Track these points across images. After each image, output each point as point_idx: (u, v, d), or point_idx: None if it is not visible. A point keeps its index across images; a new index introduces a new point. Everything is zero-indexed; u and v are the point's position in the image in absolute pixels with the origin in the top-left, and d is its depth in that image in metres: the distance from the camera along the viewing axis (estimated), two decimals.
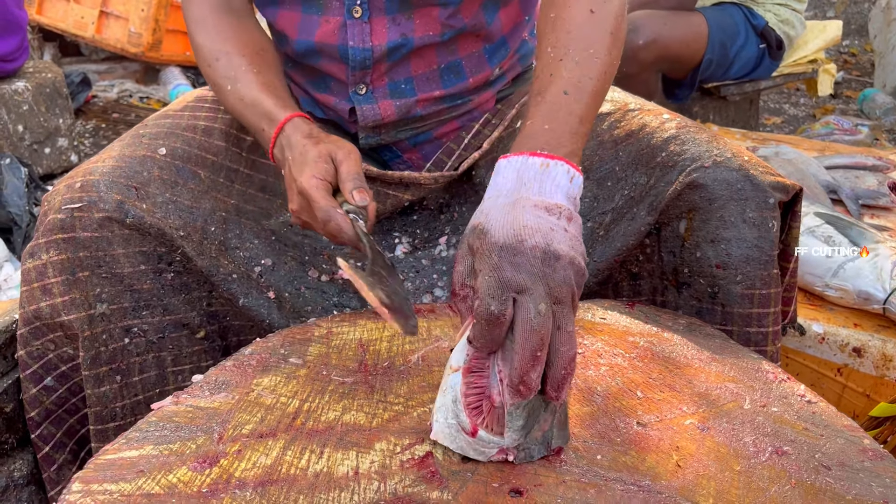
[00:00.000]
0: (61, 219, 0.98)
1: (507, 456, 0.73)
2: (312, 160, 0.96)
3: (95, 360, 1.00)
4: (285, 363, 0.89)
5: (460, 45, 1.15)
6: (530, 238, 0.71)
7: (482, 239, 0.73)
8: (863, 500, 0.71)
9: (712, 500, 0.70)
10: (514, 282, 0.70)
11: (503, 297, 0.69)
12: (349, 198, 0.94)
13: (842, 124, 3.15)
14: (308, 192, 0.94)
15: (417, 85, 1.16)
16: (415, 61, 1.14)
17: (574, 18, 0.91)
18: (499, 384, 0.72)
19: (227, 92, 1.08)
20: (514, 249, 0.71)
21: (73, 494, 0.68)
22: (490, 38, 1.17)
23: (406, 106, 1.16)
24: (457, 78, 1.17)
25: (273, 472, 0.72)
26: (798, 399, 0.85)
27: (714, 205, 1.00)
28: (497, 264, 0.71)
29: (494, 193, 0.78)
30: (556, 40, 0.90)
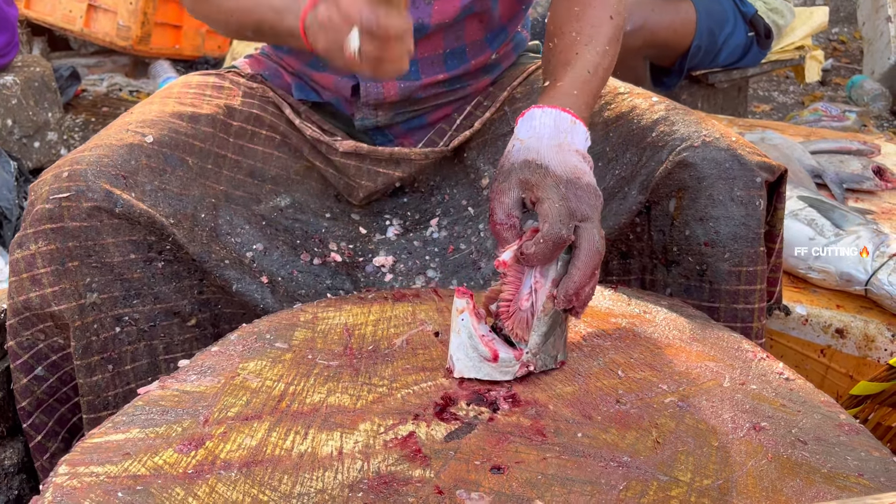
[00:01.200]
0: (49, 209, 0.98)
1: (529, 367, 0.84)
2: None
3: (87, 349, 1.01)
4: (271, 347, 0.90)
5: (466, 30, 1.17)
6: (584, 177, 0.86)
7: (542, 172, 0.85)
8: (838, 473, 0.72)
9: (690, 475, 0.71)
10: (579, 211, 0.84)
11: (570, 223, 0.83)
12: None
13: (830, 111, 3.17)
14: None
15: (422, 68, 1.17)
16: (422, 46, 1.15)
17: (598, 17, 1.04)
18: (532, 293, 0.85)
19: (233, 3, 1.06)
20: (575, 184, 0.85)
21: (59, 477, 0.69)
22: (491, 25, 1.20)
23: (410, 88, 1.17)
24: (459, 61, 1.19)
25: (258, 452, 0.73)
26: (776, 376, 0.86)
27: (703, 183, 1.02)
28: (565, 195, 0.83)
29: (535, 135, 0.89)
30: (580, 28, 1.03)
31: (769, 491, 0.70)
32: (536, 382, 0.84)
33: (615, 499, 0.68)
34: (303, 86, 1.24)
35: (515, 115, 1.22)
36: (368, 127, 1.22)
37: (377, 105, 1.19)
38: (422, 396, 0.82)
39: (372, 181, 1.16)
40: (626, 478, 0.71)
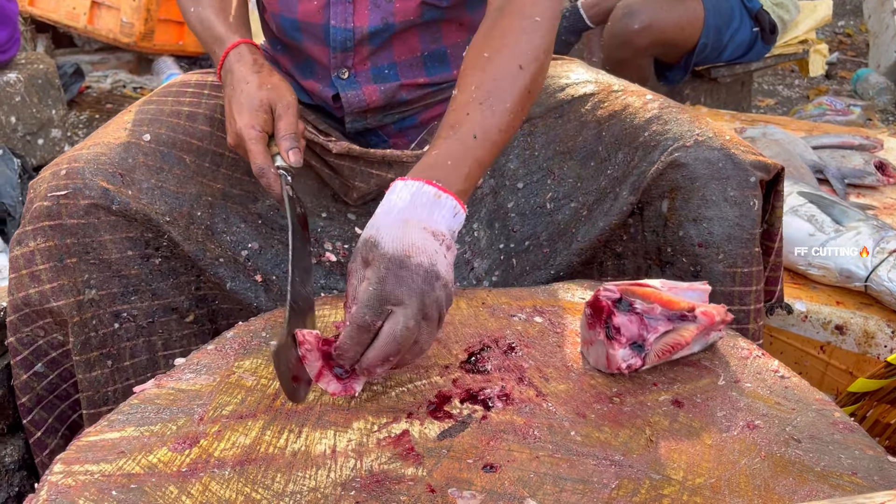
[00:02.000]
0: (47, 206, 0.99)
1: None
2: (253, 108, 1.00)
3: (86, 345, 1.01)
4: (266, 346, 0.91)
5: (444, 32, 1.15)
6: (416, 256, 0.77)
7: (374, 250, 0.78)
8: (831, 472, 0.72)
9: (683, 473, 0.72)
10: (394, 295, 0.76)
11: (380, 308, 0.76)
12: (284, 156, 0.99)
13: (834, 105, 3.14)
14: (245, 143, 0.99)
15: (401, 71, 1.16)
16: (398, 46, 1.14)
17: (503, 68, 0.94)
18: None
19: (190, 14, 1.14)
20: (401, 263, 0.76)
21: (54, 475, 0.70)
22: (474, 28, 1.17)
23: (390, 90, 1.16)
24: (441, 66, 1.17)
25: (252, 451, 0.73)
26: (771, 374, 0.86)
27: (696, 184, 1.01)
28: (383, 276, 0.76)
29: (387, 209, 0.81)
30: (481, 82, 0.93)
31: (762, 489, 0.70)
32: (531, 381, 0.84)
33: (607, 497, 0.68)
34: (296, 87, 1.24)
35: None
36: (359, 130, 1.22)
37: (362, 111, 1.19)
38: (416, 395, 0.82)
39: (365, 182, 1.16)
40: (618, 476, 0.71)
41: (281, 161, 0.98)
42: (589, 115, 1.15)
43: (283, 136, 0.99)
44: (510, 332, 0.93)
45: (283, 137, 0.99)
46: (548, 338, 0.93)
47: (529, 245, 1.15)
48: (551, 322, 0.96)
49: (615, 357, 0.83)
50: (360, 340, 0.76)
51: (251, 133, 0.98)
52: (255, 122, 0.99)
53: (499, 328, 0.94)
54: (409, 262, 0.77)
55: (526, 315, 0.97)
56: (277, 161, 0.98)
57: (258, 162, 0.97)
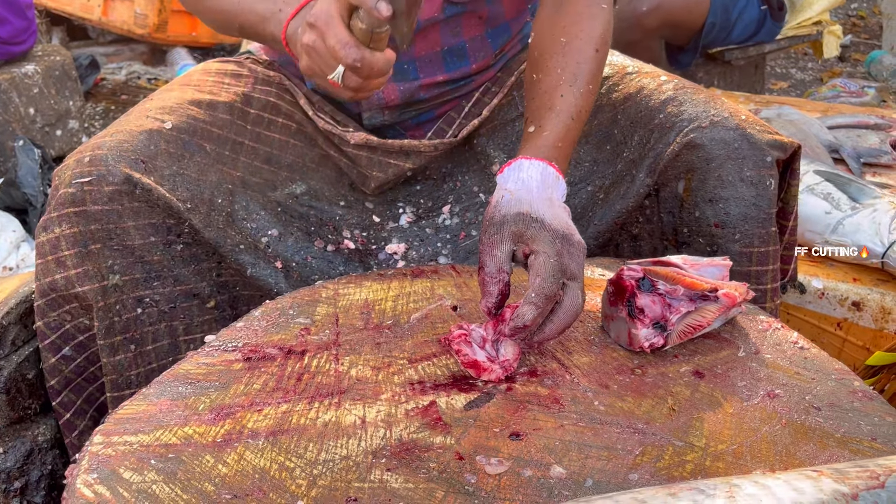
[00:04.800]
0: (72, 193, 1.01)
1: None
2: None
3: (110, 329, 1.03)
4: (293, 322, 0.93)
5: (464, 26, 1.16)
6: (575, 234, 0.86)
7: (538, 226, 0.84)
8: (851, 438, 0.73)
9: (705, 441, 0.73)
10: (569, 269, 0.83)
11: (560, 279, 0.82)
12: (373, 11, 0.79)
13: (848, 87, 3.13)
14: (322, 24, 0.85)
15: (420, 67, 1.17)
16: (419, 41, 1.15)
17: (584, 52, 1.01)
18: None
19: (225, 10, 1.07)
20: (568, 240, 0.84)
21: (95, 446, 0.72)
22: (493, 22, 1.19)
23: (410, 90, 1.17)
24: (460, 61, 1.18)
25: (284, 422, 0.76)
26: (791, 345, 0.87)
27: (712, 164, 1.02)
28: (560, 250, 0.83)
29: (525, 187, 0.88)
30: (565, 65, 1.00)
31: (783, 455, 0.71)
32: (553, 353, 0.86)
33: (631, 463, 0.70)
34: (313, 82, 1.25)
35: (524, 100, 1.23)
36: (376, 125, 1.23)
37: (380, 108, 1.20)
38: (441, 368, 0.84)
39: (383, 172, 1.17)
40: (641, 443, 0.73)
41: None
42: (604, 98, 1.16)
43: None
44: None
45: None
46: None
47: None
48: None
49: (638, 336, 0.85)
50: (544, 311, 0.81)
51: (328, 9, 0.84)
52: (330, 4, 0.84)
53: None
54: (573, 239, 0.85)
55: None
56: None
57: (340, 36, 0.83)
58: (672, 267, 0.89)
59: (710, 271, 0.90)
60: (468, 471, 0.69)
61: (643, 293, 0.85)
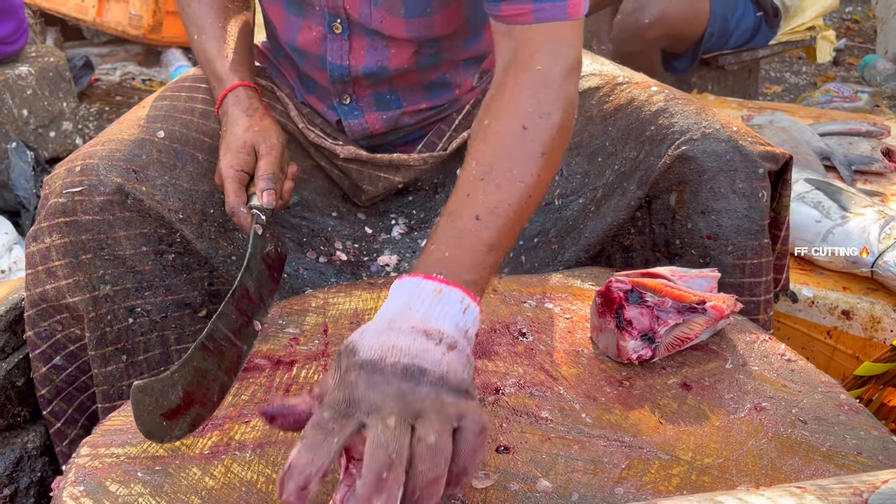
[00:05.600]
0: (63, 202, 1.00)
1: None
2: (236, 148, 1.01)
3: (101, 340, 1.03)
4: (282, 332, 0.93)
5: (442, 66, 1.15)
6: (392, 357, 0.65)
7: (349, 358, 0.66)
8: (836, 452, 0.74)
9: (691, 454, 0.73)
10: (365, 400, 0.62)
11: (347, 412, 0.62)
12: (259, 196, 0.98)
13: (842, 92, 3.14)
14: (224, 181, 1.00)
15: (403, 97, 1.15)
16: (396, 80, 1.13)
17: (504, 133, 0.82)
18: None
19: (193, 40, 1.13)
20: (374, 366, 0.64)
21: (81, 458, 0.72)
22: (471, 60, 1.17)
23: (393, 118, 1.16)
24: (442, 90, 1.17)
25: (272, 434, 0.76)
26: (778, 357, 0.88)
27: (704, 176, 1.02)
28: (353, 382, 0.64)
29: (380, 315, 0.71)
30: (481, 155, 0.82)
31: (768, 469, 0.72)
32: (542, 365, 0.86)
33: (617, 476, 0.70)
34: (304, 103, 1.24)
35: None
36: (364, 147, 1.22)
37: (367, 135, 1.19)
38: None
39: (373, 185, 1.17)
40: (628, 457, 0.73)
41: (255, 200, 0.99)
42: (594, 109, 1.16)
43: (259, 177, 0.99)
44: (521, 319, 0.95)
45: (259, 177, 0.99)
46: (558, 324, 0.94)
47: (538, 242, 1.16)
48: (562, 308, 0.98)
49: (626, 348, 0.85)
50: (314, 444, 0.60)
51: (229, 172, 0.99)
52: (234, 163, 1.00)
53: (510, 314, 0.96)
54: (382, 364, 0.64)
55: (536, 302, 0.99)
56: (253, 201, 0.99)
57: (229, 201, 0.98)
58: (660, 279, 0.89)
59: (698, 283, 0.91)
60: None
61: (631, 305, 0.86)
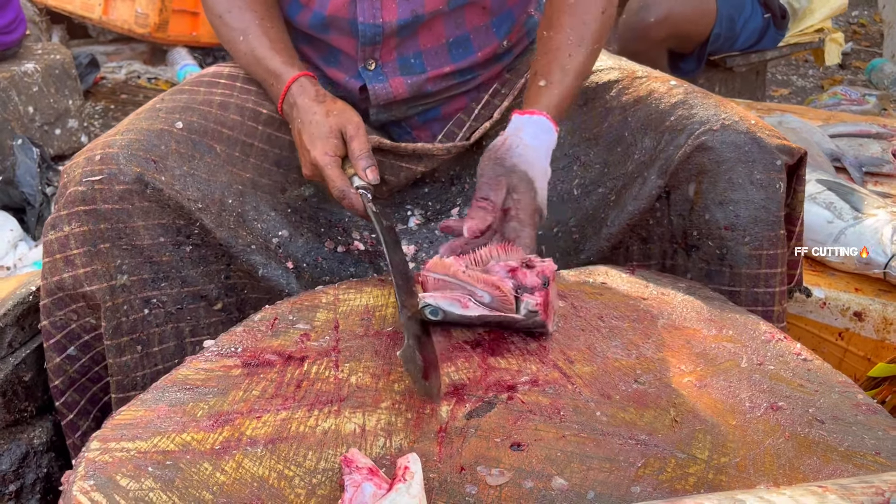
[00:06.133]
0: (82, 191, 1.00)
1: None
2: (324, 135, 1.05)
3: (117, 330, 1.03)
4: (293, 328, 0.92)
5: (467, 17, 1.16)
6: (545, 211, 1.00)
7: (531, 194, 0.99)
8: (855, 452, 0.73)
9: (708, 453, 0.72)
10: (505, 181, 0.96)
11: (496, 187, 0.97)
12: (362, 175, 1.05)
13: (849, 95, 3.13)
14: (323, 169, 1.04)
15: (427, 60, 1.17)
16: (423, 35, 1.15)
17: (591, 13, 1.10)
18: None
19: (238, 43, 1.15)
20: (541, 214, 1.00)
21: (91, 452, 0.71)
22: (496, 11, 1.18)
23: (417, 84, 1.17)
24: (465, 52, 1.18)
25: (283, 429, 0.75)
26: (794, 357, 0.87)
27: (722, 167, 1.02)
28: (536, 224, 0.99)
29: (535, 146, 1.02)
30: (573, 25, 1.09)
31: (786, 469, 0.71)
32: (555, 362, 0.85)
33: (633, 475, 0.69)
34: (320, 78, 1.25)
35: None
36: (383, 122, 1.23)
37: (388, 103, 1.20)
38: (442, 376, 0.83)
39: (395, 176, 1.17)
40: (644, 455, 0.72)
41: (358, 181, 1.04)
42: (614, 101, 1.16)
43: (358, 157, 1.06)
44: None
45: (358, 157, 1.06)
46: (571, 321, 0.93)
47: (558, 231, 1.16)
48: (573, 306, 0.97)
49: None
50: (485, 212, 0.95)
51: (326, 160, 1.04)
52: (328, 149, 1.05)
53: None
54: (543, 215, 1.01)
55: None
56: (355, 182, 1.04)
57: (338, 185, 1.04)
58: None
59: None
60: (469, 482, 0.68)
61: None
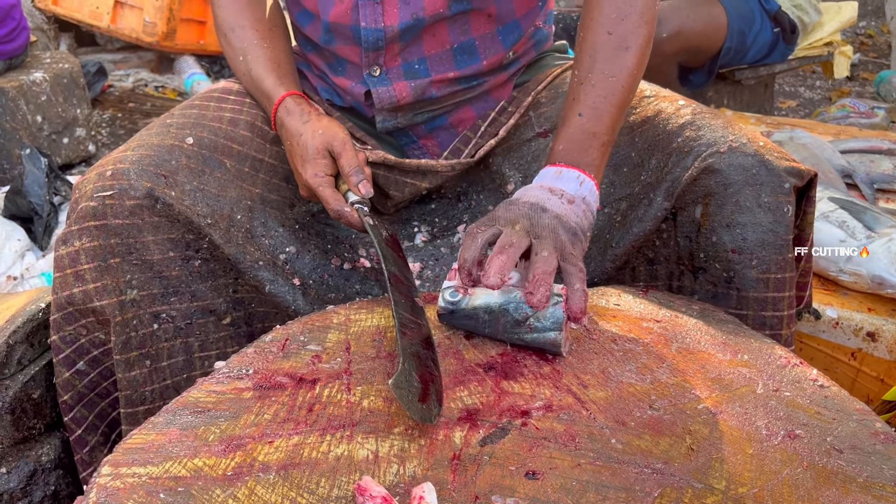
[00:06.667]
0: (93, 206, 1.01)
1: None
2: (312, 156, 1.06)
3: (126, 345, 1.03)
4: (304, 350, 0.91)
5: (472, 24, 1.16)
6: (525, 198, 0.94)
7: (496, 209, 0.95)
8: (874, 483, 0.72)
9: (725, 483, 0.72)
10: (502, 217, 0.93)
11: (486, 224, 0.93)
12: (355, 190, 1.05)
13: (858, 107, 3.12)
14: (316, 191, 1.05)
15: (431, 65, 1.17)
16: (427, 40, 1.15)
17: (593, 42, 1.03)
18: None
19: (238, 63, 1.17)
20: (510, 202, 0.95)
21: (103, 477, 0.71)
22: (502, 20, 1.18)
23: (421, 87, 1.17)
24: (470, 59, 1.18)
25: (295, 455, 0.74)
26: (810, 383, 0.86)
27: (729, 190, 1.01)
28: (494, 211, 0.94)
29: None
30: (579, 63, 1.04)
31: (805, 500, 0.70)
32: (569, 387, 0.85)
33: None
34: (328, 88, 1.25)
35: (540, 120, 1.22)
36: (389, 129, 1.23)
37: (392, 108, 1.19)
38: (455, 400, 0.83)
39: (399, 191, 1.17)
40: (660, 485, 0.71)
41: (353, 196, 1.05)
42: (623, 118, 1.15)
43: (348, 173, 1.06)
44: None
45: (349, 174, 1.06)
46: (584, 344, 0.93)
47: None
48: (586, 329, 0.96)
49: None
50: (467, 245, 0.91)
51: (317, 181, 1.05)
52: (317, 170, 1.05)
53: None
54: (517, 202, 0.94)
55: None
56: (350, 197, 1.05)
57: (332, 206, 1.04)
58: None
59: None
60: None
61: None
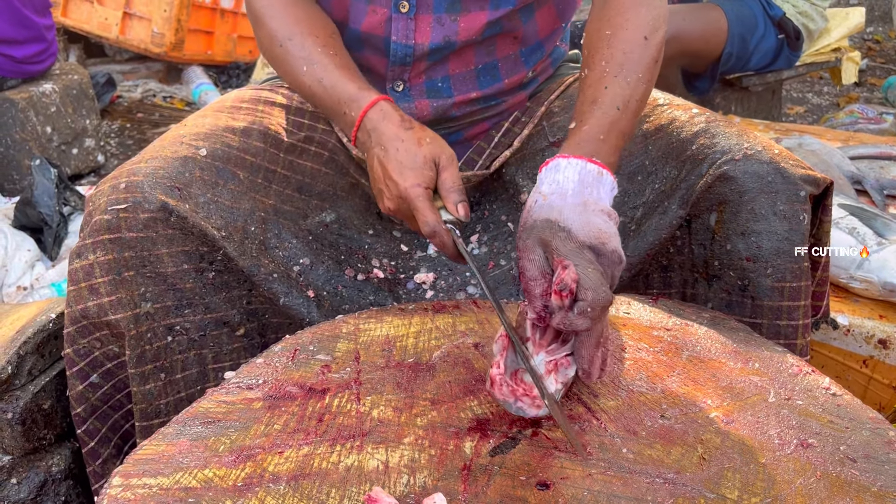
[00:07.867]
0: (107, 219, 1.00)
1: None
2: (418, 165, 0.97)
3: (141, 358, 1.03)
4: (314, 359, 0.91)
5: (498, 46, 1.16)
6: (609, 242, 0.82)
7: (565, 235, 0.82)
8: (888, 492, 0.71)
9: (737, 493, 0.71)
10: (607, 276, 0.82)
11: (606, 287, 0.79)
12: (452, 210, 0.97)
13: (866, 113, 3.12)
14: (413, 201, 0.96)
15: (454, 85, 1.17)
16: (454, 61, 1.15)
17: (630, 41, 0.99)
18: None
19: (301, 73, 1.08)
20: (598, 250, 0.82)
21: (113, 488, 0.70)
22: (526, 41, 1.18)
23: (443, 108, 1.17)
24: (493, 79, 1.18)
25: (305, 466, 0.74)
26: (823, 392, 0.85)
27: (744, 197, 1.01)
28: (591, 260, 0.80)
29: (558, 190, 0.86)
30: (610, 57, 0.98)
31: None
32: (579, 397, 0.84)
33: None
34: None
35: (553, 130, 1.22)
36: None
37: None
38: (465, 410, 0.82)
39: None
40: (672, 494, 0.71)
41: (446, 215, 0.96)
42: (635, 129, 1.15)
43: (450, 189, 0.98)
44: None
45: (450, 190, 0.98)
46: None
47: None
48: None
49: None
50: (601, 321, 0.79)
51: (417, 191, 0.96)
52: (420, 181, 0.97)
53: None
54: (604, 249, 0.82)
55: None
56: (443, 216, 0.96)
57: (430, 221, 0.95)
58: None
59: None
60: None
61: None
